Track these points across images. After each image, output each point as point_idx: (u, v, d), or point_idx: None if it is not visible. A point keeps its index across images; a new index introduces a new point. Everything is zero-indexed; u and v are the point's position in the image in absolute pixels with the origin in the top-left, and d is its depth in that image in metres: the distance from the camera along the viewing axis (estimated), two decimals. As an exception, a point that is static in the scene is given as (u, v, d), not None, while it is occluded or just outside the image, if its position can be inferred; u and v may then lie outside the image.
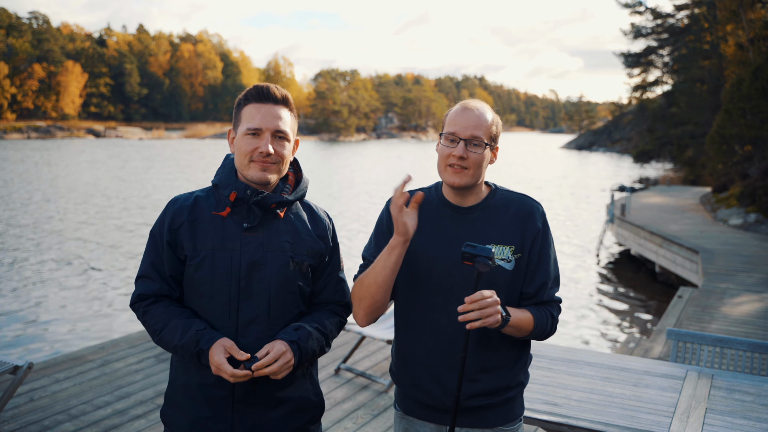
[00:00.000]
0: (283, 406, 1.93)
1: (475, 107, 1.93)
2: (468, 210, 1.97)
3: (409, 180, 1.78)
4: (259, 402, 1.90)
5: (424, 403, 2.00)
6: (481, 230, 1.93)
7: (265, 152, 1.86)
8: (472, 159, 1.89)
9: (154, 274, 1.91)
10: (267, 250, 1.89)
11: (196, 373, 1.90)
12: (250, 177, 1.89)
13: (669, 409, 2.81)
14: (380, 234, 2.05)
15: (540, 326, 1.93)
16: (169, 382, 2.01)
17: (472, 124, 1.89)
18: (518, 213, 1.96)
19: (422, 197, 1.83)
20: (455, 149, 1.89)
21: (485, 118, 1.91)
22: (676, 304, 8.24)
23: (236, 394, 1.88)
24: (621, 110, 54.53)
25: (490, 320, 1.75)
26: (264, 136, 1.87)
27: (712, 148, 19.67)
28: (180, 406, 1.94)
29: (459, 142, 1.89)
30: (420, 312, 1.97)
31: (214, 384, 1.87)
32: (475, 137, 1.89)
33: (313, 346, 1.89)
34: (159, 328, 1.87)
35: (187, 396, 1.92)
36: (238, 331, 1.87)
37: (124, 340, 5.74)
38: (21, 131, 73.61)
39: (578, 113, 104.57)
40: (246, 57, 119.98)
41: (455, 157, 1.89)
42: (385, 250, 1.88)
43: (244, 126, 1.88)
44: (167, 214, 1.93)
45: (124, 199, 23.18)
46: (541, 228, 1.97)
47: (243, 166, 1.90)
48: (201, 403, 1.90)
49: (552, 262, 1.99)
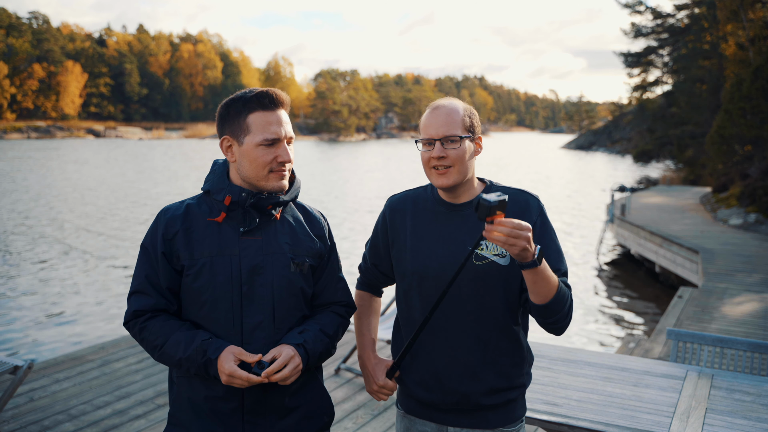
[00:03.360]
0: (293, 414, 1.89)
1: (443, 105, 1.94)
2: (462, 206, 1.97)
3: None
4: (270, 411, 1.85)
5: (425, 402, 2.00)
6: (476, 226, 1.93)
7: (287, 160, 1.84)
8: (452, 156, 1.89)
9: (149, 288, 1.84)
10: (267, 253, 1.85)
11: (201, 386, 1.83)
12: (271, 187, 1.85)
13: (669, 409, 2.80)
14: (376, 236, 2.11)
15: (562, 292, 1.81)
16: (171, 400, 1.92)
17: (442, 122, 1.90)
18: (512, 207, 1.93)
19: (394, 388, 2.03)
20: (433, 151, 1.89)
21: (455, 113, 1.91)
22: (676, 304, 8.24)
23: (246, 405, 1.82)
24: (621, 110, 54.53)
25: (516, 247, 1.64)
26: (281, 145, 1.84)
27: (712, 148, 19.67)
28: (186, 424, 1.86)
29: (434, 143, 1.90)
30: (418, 310, 1.97)
31: (223, 396, 1.81)
32: (449, 135, 1.88)
33: (319, 349, 1.86)
34: (160, 344, 1.80)
35: (193, 412, 1.85)
36: (244, 338, 1.82)
37: (124, 340, 5.74)
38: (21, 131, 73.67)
39: (578, 113, 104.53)
40: (246, 57, 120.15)
41: (435, 158, 1.89)
42: (359, 347, 2.12)
43: (259, 136, 1.81)
44: (159, 224, 1.86)
45: (124, 198, 23.18)
46: (537, 220, 1.93)
47: (260, 177, 1.84)
48: (210, 417, 1.83)
49: (554, 253, 1.92)
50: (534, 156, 61.35)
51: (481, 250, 1.90)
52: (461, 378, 1.94)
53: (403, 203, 2.06)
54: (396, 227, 2.03)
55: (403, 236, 2.01)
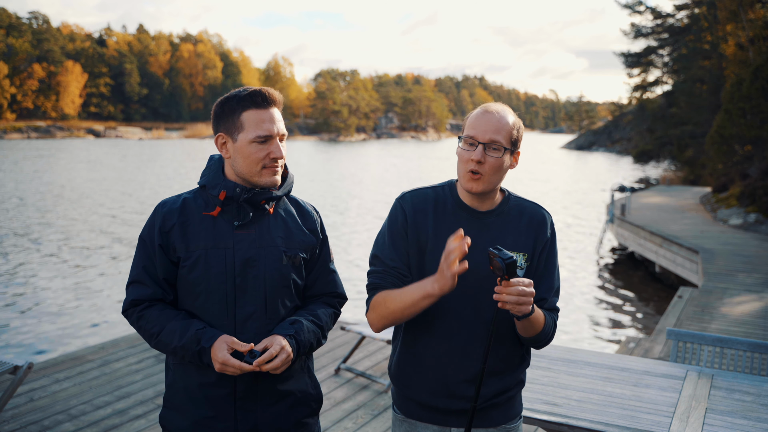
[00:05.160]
0: (284, 401, 1.96)
1: (496, 110, 1.90)
2: (484, 215, 1.96)
3: (467, 242, 1.72)
4: (262, 397, 1.92)
5: (428, 405, 1.99)
6: (497, 236, 1.93)
7: (279, 157, 1.90)
8: (489, 164, 1.86)
9: (146, 278, 1.91)
10: (260, 246, 1.92)
11: (195, 373, 1.91)
12: (264, 183, 1.91)
13: (669, 409, 2.81)
14: (396, 235, 1.96)
15: (547, 328, 1.94)
16: (167, 385, 2.00)
17: (491, 127, 1.86)
18: (531, 221, 1.96)
19: (466, 269, 1.72)
20: (474, 153, 1.86)
21: (506, 122, 1.88)
22: (676, 304, 8.24)
23: (238, 392, 1.89)
24: (621, 110, 54.48)
25: (523, 308, 1.73)
26: (274, 142, 1.89)
27: (712, 148, 19.65)
28: (180, 409, 1.94)
29: (477, 145, 1.86)
30: (433, 316, 1.94)
31: (216, 383, 1.89)
32: (494, 141, 1.86)
33: (309, 339, 1.92)
34: (156, 332, 1.88)
35: (187, 397, 1.92)
36: (237, 328, 1.88)
37: (124, 340, 5.75)
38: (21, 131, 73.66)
39: (578, 113, 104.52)
40: (246, 57, 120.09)
41: (473, 161, 1.86)
42: (419, 293, 1.80)
43: (252, 133, 1.86)
44: (156, 217, 1.93)
45: (127, 198, 23.18)
46: (549, 237, 1.99)
47: (254, 173, 1.90)
48: (202, 403, 1.90)
49: (556, 271, 2.02)
50: (534, 156, 61.31)
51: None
52: (468, 384, 1.94)
53: (425, 203, 1.98)
54: (418, 227, 1.95)
55: (424, 238, 1.95)
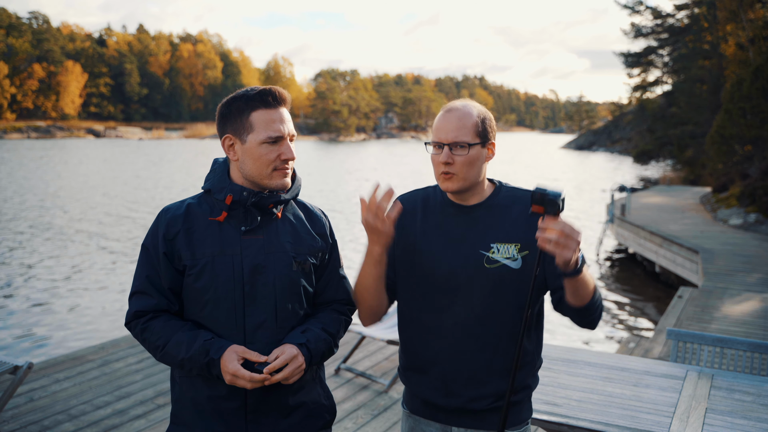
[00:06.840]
0: (296, 413, 1.89)
1: (456, 108, 1.90)
2: (471, 208, 1.95)
3: (389, 192, 1.75)
4: (273, 410, 1.85)
5: (430, 403, 1.99)
6: (486, 229, 1.91)
7: (290, 158, 1.84)
8: (458, 162, 1.86)
9: (150, 288, 1.83)
10: (268, 252, 1.84)
11: (204, 386, 1.82)
12: (274, 185, 1.84)
13: (669, 409, 2.80)
14: None
15: (597, 294, 1.84)
16: (173, 400, 1.92)
17: (453, 127, 1.86)
18: (524, 210, 1.93)
19: (401, 209, 1.80)
20: (441, 155, 1.87)
21: (468, 118, 1.88)
22: (676, 304, 8.24)
23: (249, 404, 1.82)
24: (621, 110, 54.48)
25: (565, 253, 1.62)
26: (284, 143, 1.83)
27: (712, 148, 19.64)
28: (189, 424, 1.86)
29: (443, 147, 1.87)
30: (426, 313, 1.95)
31: (226, 396, 1.81)
32: (458, 141, 1.86)
33: (321, 348, 1.86)
34: (162, 344, 1.79)
35: (196, 412, 1.84)
36: (246, 338, 1.81)
37: (124, 340, 5.74)
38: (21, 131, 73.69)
39: (578, 113, 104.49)
40: (246, 57, 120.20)
41: (442, 163, 1.87)
42: (364, 259, 1.86)
43: (262, 134, 1.80)
44: (160, 224, 1.85)
45: (126, 198, 23.17)
46: None
47: (264, 175, 1.83)
48: (213, 417, 1.82)
49: None
50: (534, 156, 61.32)
51: (492, 254, 1.88)
52: (468, 382, 1.92)
53: (413, 203, 2.01)
54: (405, 229, 1.98)
55: (412, 237, 1.97)
